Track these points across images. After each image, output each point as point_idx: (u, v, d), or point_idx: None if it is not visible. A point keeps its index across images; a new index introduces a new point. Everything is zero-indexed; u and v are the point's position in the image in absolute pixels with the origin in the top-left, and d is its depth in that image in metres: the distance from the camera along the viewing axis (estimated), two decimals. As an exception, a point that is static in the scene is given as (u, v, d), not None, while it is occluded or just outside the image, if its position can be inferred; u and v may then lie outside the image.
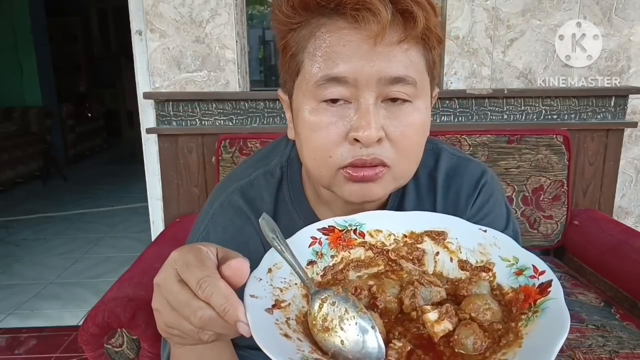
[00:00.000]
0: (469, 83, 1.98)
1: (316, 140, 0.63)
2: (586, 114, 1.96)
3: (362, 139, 0.61)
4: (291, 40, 0.64)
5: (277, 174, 0.78)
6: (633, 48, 1.99)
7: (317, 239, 0.63)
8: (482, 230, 0.62)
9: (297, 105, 0.66)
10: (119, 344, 1.20)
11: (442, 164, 0.78)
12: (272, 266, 0.56)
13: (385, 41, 0.59)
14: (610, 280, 1.63)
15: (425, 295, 0.57)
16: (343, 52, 0.60)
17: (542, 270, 0.54)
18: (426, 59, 0.65)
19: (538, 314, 0.49)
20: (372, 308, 0.56)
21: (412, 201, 0.77)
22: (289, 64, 0.66)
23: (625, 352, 1.27)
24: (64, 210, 4.27)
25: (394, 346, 0.50)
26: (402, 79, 0.61)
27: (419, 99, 0.64)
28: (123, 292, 1.22)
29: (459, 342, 0.50)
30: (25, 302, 2.70)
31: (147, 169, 1.99)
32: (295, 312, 0.54)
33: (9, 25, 5.45)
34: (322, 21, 0.62)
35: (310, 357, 0.47)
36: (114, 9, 7.62)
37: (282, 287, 0.55)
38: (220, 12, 1.87)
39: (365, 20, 0.58)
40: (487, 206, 0.77)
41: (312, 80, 0.62)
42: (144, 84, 1.92)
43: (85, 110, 6.76)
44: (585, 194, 2.01)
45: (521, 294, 0.54)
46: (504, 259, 0.58)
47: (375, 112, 0.61)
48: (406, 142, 0.64)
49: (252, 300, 0.51)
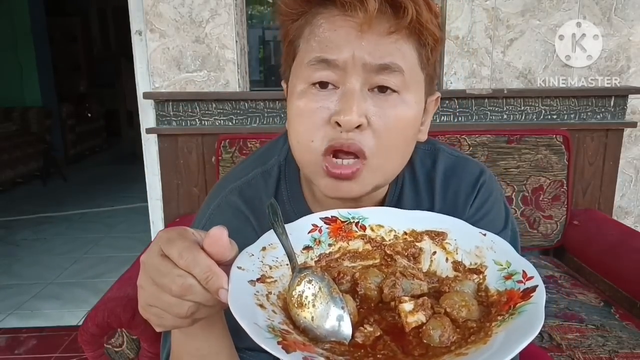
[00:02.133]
0: (468, 83, 1.98)
1: (301, 123, 0.65)
2: (586, 114, 1.96)
3: (342, 123, 0.61)
4: (291, 29, 0.68)
5: (275, 172, 0.78)
6: (633, 48, 1.99)
7: (317, 226, 0.64)
8: (482, 233, 0.62)
9: (290, 89, 0.68)
10: (118, 343, 1.20)
11: (439, 164, 0.78)
12: (268, 245, 0.58)
13: (374, 30, 0.61)
14: (610, 280, 1.63)
15: (407, 287, 0.58)
16: (333, 37, 0.63)
17: (531, 276, 0.54)
18: (419, 53, 0.65)
19: (514, 316, 0.50)
20: (352, 294, 0.58)
21: (410, 201, 0.77)
22: (287, 51, 0.69)
23: (625, 352, 1.28)
24: (64, 211, 4.27)
25: (363, 330, 0.51)
26: (388, 66, 0.62)
27: (408, 91, 0.64)
28: (123, 292, 1.22)
29: (427, 332, 0.51)
30: (25, 302, 2.70)
31: (147, 169, 1.99)
32: (280, 289, 0.55)
33: (9, 25, 5.44)
34: (318, 10, 0.65)
35: (278, 327, 0.48)
36: (113, 9, 7.62)
37: (272, 265, 0.56)
38: (220, 12, 1.87)
39: (354, 8, 0.61)
40: (486, 206, 0.76)
41: (304, 60, 0.65)
42: (144, 84, 1.93)
43: (85, 110, 6.75)
44: (585, 194, 2.01)
45: (504, 296, 0.54)
46: (497, 262, 0.59)
47: (360, 97, 0.62)
48: (388, 134, 0.64)
49: (238, 271, 0.52)
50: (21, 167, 5.07)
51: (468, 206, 0.76)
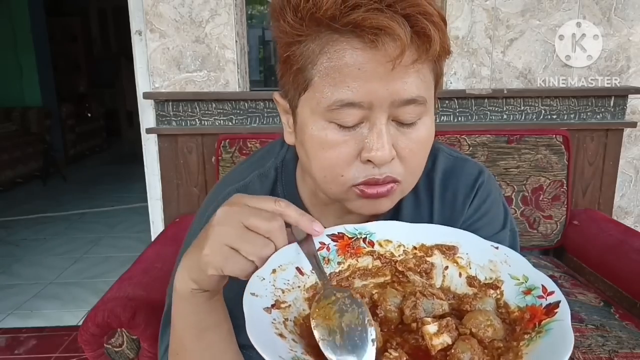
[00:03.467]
0: (468, 83, 1.98)
1: (327, 158, 0.63)
2: (586, 114, 1.96)
3: (375, 160, 0.61)
4: (297, 52, 0.61)
5: (272, 175, 0.78)
6: (632, 48, 1.99)
7: (325, 244, 0.62)
8: (494, 247, 0.61)
9: (303, 119, 0.64)
10: (118, 343, 1.20)
11: (439, 164, 0.78)
12: (277, 267, 0.56)
13: (400, 63, 0.58)
14: (610, 280, 1.63)
15: (427, 307, 0.56)
16: (358, 75, 0.58)
17: (552, 291, 0.53)
18: (435, 73, 0.65)
19: (541, 334, 0.48)
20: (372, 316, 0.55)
21: (410, 202, 0.77)
22: (295, 78, 0.63)
23: (625, 351, 1.28)
24: (64, 210, 4.27)
25: (389, 355, 0.49)
26: (415, 100, 0.61)
27: (426, 115, 0.64)
28: (123, 292, 1.22)
29: (456, 356, 0.49)
30: (25, 302, 2.70)
31: (147, 169, 1.99)
32: (295, 314, 0.53)
33: (8, 25, 5.44)
34: (334, 37, 0.58)
35: (301, 358, 0.47)
36: (113, 9, 7.61)
37: (284, 289, 0.55)
38: (220, 12, 1.87)
39: (384, 43, 0.56)
40: (484, 206, 0.76)
41: (324, 103, 0.60)
42: (144, 84, 1.93)
43: (85, 110, 6.75)
44: (585, 193, 2.01)
45: (527, 313, 0.53)
46: (513, 277, 0.58)
47: (387, 132, 0.61)
48: (414, 158, 0.65)
49: (252, 298, 0.51)
50: (21, 167, 5.07)
51: (466, 207, 0.76)
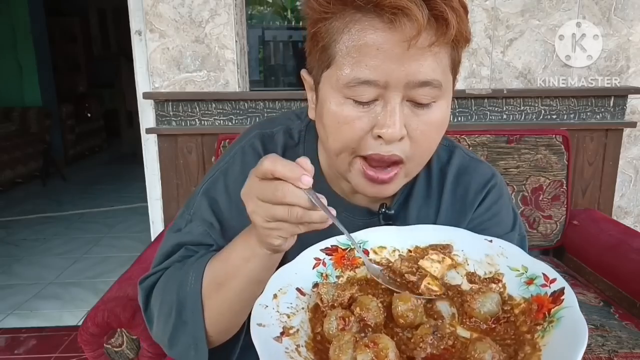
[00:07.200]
0: (468, 83, 1.98)
1: (343, 132, 0.65)
2: (585, 114, 1.96)
3: (385, 137, 0.63)
4: (323, 29, 0.65)
5: (295, 136, 0.81)
6: (632, 48, 1.99)
7: (320, 259, 0.62)
8: (488, 240, 0.62)
9: (323, 95, 0.67)
10: (118, 343, 1.20)
11: (454, 160, 0.80)
12: (277, 291, 0.56)
13: (417, 44, 0.60)
14: (610, 280, 1.63)
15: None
16: (376, 55, 0.60)
17: (553, 278, 0.53)
18: (452, 58, 0.65)
19: (554, 324, 0.49)
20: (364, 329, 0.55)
21: (421, 191, 0.79)
22: (320, 55, 0.66)
23: (624, 351, 1.28)
24: (64, 211, 4.27)
25: None
26: (430, 82, 0.62)
27: (441, 99, 0.65)
28: (123, 292, 1.22)
29: (477, 358, 0.48)
30: (25, 302, 2.70)
31: (147, 169, 1.99)
32: (305, 338, 0.53)
33: (8, 25, 5.43)
34: (357, 17, 0.62)
35: None
36: (113, 9, 7.60)
37: (288, 313, 0.55)
38: (220, 12, 1.87)
39: (402, 23, 0.58)
40: (495, 208, 0.78)
41: (343, 80, 0.63)
42: (144, 84, 1.92)
43: (85, 110, 6.73)
44: (585, 193, 2.01)
45: (534, 304, 0.53)
46: (512, 268, 0.58)
47: (400, 111, 0.63)
48: (425, 140, 0.66)
49: (260, 329, 0.50)
50: (21, 167, 5.07)
51: (475, 204, 0.78)
